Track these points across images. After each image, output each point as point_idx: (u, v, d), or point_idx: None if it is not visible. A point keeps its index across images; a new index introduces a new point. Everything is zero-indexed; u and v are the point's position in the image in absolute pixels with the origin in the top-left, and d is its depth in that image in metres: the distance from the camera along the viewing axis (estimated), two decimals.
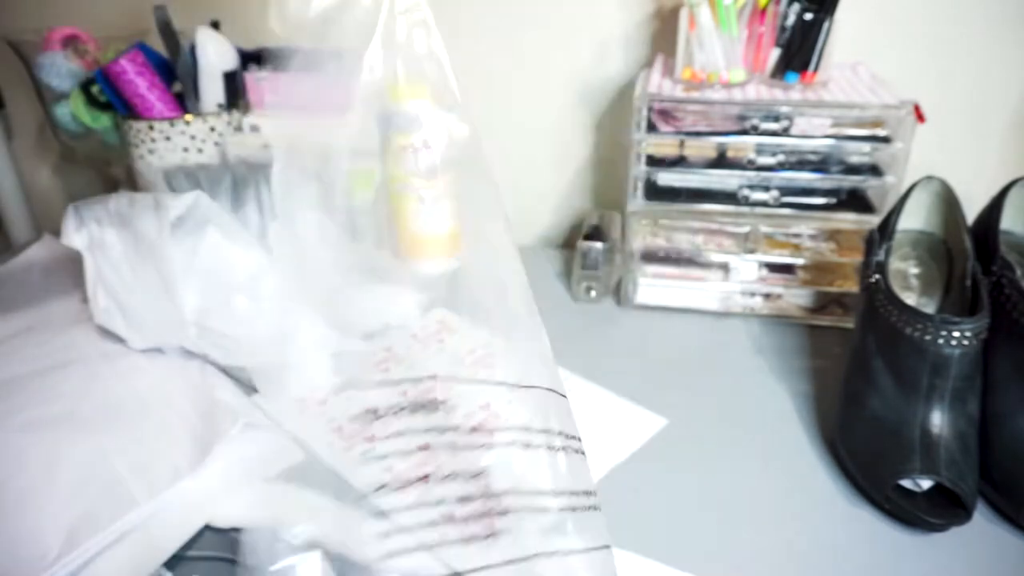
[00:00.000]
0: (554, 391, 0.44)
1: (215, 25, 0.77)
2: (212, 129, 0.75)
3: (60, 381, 0.60)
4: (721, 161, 0.68)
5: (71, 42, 0.79)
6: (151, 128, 0.74)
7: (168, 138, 0.74)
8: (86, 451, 0.52)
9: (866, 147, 0.65)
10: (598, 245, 0.73)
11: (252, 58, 0.77)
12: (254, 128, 0.77)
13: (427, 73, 0.47)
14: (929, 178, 0.59)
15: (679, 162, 0.69)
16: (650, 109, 0.66)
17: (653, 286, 0.73)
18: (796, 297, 0.71)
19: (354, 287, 0.70)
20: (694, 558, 0.44)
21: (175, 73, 0.76)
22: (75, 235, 0.60)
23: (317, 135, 0.76)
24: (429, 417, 0.58)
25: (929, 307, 0.57)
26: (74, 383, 0.60)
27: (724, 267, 0.71)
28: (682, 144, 0.68)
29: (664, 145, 0.68)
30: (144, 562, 0.45)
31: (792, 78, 0.66)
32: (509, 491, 0.44)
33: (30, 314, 0.70)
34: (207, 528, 0.49)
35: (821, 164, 0.66)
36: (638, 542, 0.45)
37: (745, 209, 0.68)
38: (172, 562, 0.48)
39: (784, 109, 0.64)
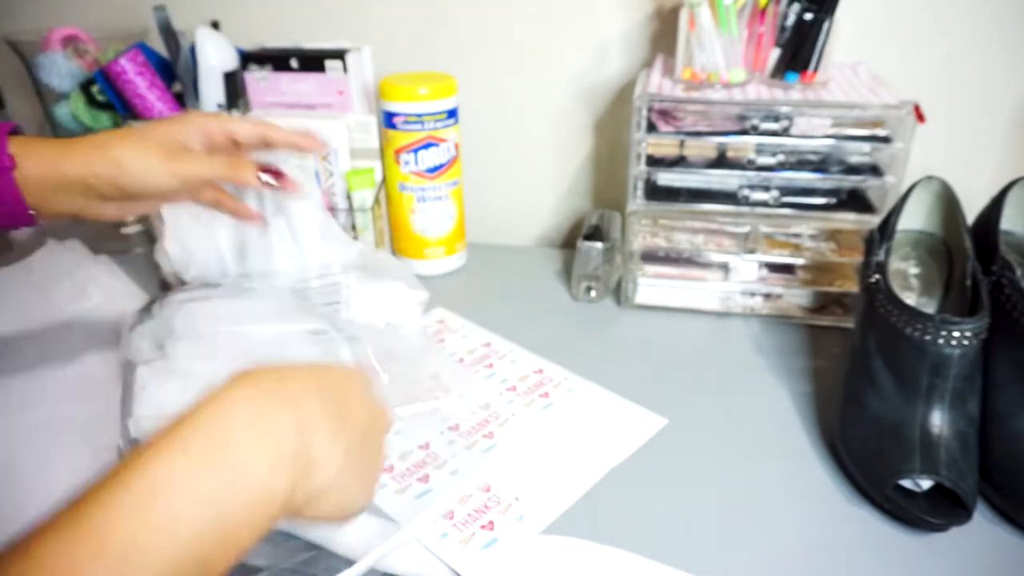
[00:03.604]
0: None
1: (215, 25, 0.77)
2: None
3: (56, 383, 0.60)
4: (721, 161, 0.68)
5: (71, 42, 0.79)
6: None
7: None
8: (80, 454, 0.52)
9: (866, 147, 0.65)
10: (598, 245, 0.73)
11: (252, 58, 0.77)
12: None
13: None
14: (929, 178, 0.59)
15: (679, 162, 0.69)
16: (650, 109, 0.66)
17: (653, 286, 0.73)
18: (796, 297, 0.71)
19: (354, 286, 0.70)
20: (694, 558, 0.44)
21: (175, 73, 0.76)
22: None
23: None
24: (430, 416, 0.58)
25: (929, 307, 0.57)
26: (70, 386, 0.60)
27: (724, 267, 0.71)
28: (682, 144, 0.68)
29: (664, 145, 0.68)
30: None
31: (792, 78, 0.66)
32: None
33: (29, 316, 0.70)
34: None
35: (821, 164, 0.66)
36: (638, 542, 0.46)
37: (745, 209, 0.68)
38: None
39: (784, 109, 0.64)
